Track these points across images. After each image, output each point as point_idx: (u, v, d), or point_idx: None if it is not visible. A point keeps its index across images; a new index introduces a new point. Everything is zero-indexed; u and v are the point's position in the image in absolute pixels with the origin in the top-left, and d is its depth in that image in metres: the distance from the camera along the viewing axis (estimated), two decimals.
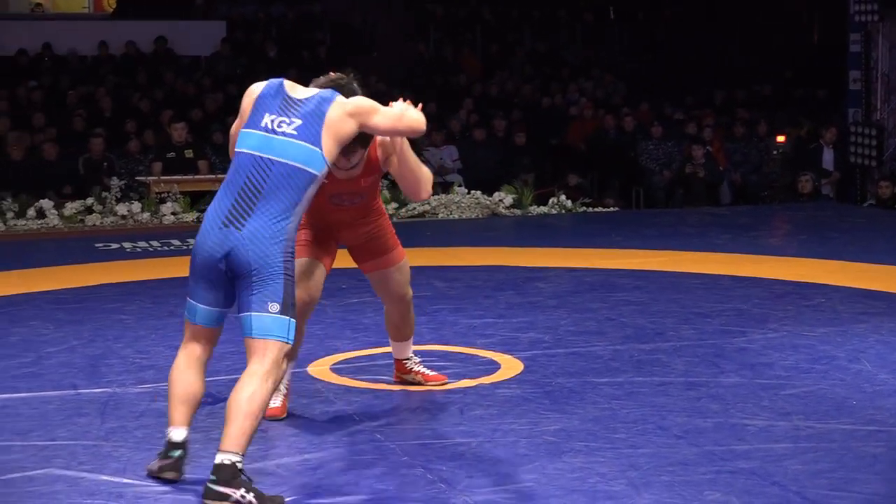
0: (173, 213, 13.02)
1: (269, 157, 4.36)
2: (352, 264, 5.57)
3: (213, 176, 13.64)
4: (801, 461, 4.62)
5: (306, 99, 4.48)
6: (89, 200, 13.35)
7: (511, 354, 6.42)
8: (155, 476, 4.46)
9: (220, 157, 14.62)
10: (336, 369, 6.19)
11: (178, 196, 13.13)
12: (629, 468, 4.51)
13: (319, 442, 4.93)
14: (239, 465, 4.12)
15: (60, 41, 17.89)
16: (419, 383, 5.77)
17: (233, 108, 17.48)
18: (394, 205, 13.49)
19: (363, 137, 4.72)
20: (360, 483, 4.39)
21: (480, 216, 13.72)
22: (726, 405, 5.39)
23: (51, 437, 5.03)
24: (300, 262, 5.10)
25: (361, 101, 4.56)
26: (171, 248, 11.11)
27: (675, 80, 19.06)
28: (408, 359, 5.79)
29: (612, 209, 14.57)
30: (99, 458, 4.75)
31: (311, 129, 4.38)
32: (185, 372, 4.46)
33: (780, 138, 16.50)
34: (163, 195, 13.19)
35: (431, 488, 4.32)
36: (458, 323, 7.21)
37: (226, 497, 4.09)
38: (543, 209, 13.98)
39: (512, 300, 8.05)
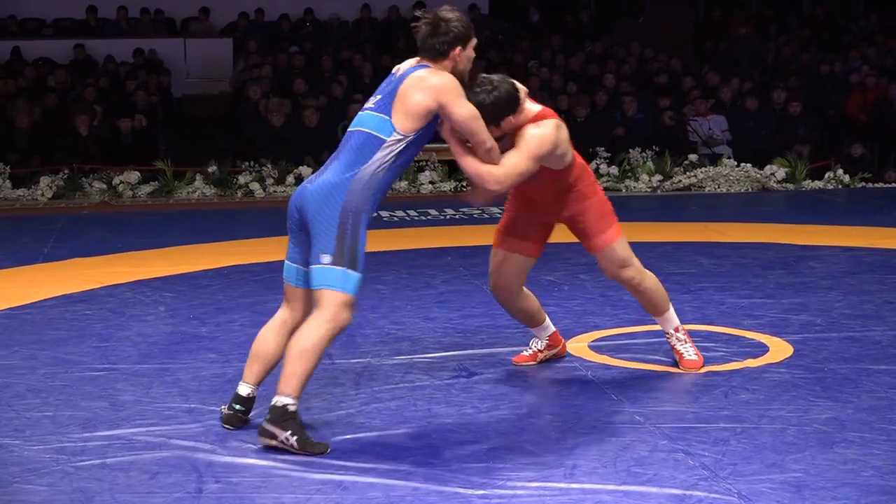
0: (431, 182, 13.07)
1: (353, 128, 4.71)
2: None
3: None
4: None
5: (395, 73, 4.73)
6: None
7: (780, 337, 6.23)
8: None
9: None
10: (594, 346, 6.11)
11: (436, 165, 13.17)
12: None
13: (576, 422, 4.86)
14: (291, 408, 4.47)
15: (323, 6, 18.19)
16: (676, 363, 5.65)
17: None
18: (658, 177, 13.28)
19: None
20: (618, 465, 4.29)
21: (750, 190, 13.43)
22: None
23: (306, 405, 5.05)
24: (494, 252, 5.46)
25: (445, 83, 4.60)
26: (429, 217, 11.18)
27: None
28: (668, 334, 5.68)
29: (893, 184, 14.00)
30: (352, 429, 4.77)
31: (386, 101, 4.65)
32: (266, 332, 4.82)
33: None
34: (420, 164, 13.24)
35: (693, 475, 4.21)
36: (724, 302, 7.05)
37: (274, 436, 4.47)
38: (818, 184, 13.59)
39: (782, 280, 7.83)
